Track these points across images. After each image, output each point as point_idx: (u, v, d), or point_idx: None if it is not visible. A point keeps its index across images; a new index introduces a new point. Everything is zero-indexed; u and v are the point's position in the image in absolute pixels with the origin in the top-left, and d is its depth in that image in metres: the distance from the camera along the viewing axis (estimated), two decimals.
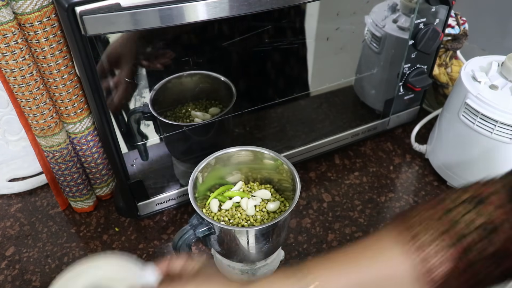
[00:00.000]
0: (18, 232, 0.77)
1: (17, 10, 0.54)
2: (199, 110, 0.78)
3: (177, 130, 0.75)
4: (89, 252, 0.73)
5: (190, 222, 0.58)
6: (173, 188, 0.75)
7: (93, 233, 0.76)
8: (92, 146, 0.71)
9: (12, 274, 0.70)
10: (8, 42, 0.55)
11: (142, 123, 0.72)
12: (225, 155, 0.66)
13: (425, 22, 0.74)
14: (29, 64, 0.59)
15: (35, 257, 0.73)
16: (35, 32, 0.56)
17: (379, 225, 0.76)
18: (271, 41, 0.50)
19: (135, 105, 0.71)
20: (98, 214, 0.79)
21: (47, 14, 0.56)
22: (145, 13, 0.49)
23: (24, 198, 0.83)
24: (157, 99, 0.72)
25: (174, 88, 0.74)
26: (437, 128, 0.82)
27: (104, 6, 0.48)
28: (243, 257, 0.62)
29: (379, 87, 0.89)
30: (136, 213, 0.74)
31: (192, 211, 0.70)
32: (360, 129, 0.87)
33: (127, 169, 0.68)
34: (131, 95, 0.66)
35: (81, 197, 0.77)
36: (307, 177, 0.85)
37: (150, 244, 0.74)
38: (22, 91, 0.61)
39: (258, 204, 0.66)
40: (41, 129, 0.66)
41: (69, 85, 0.63)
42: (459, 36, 0.90)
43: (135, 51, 0.62)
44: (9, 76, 0.59)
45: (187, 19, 0.52)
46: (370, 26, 0.82)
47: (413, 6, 0.72)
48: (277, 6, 0.56)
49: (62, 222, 0.78)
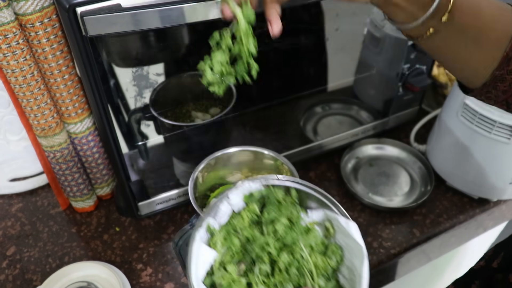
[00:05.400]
0: (19, 231, 0.77)
1: (18, 11, 0.55)
2: (199, 110, 0.78)
3: (177, 130, 0.75)
4: (90, 251, 0.73)
5: (190, 222, 0.58)
6: (173, 188, 0.75)
7: (94, 232, 0.76)
8: (93, 146, 0.72)
9: (13, 273, 0.71)
10: (9, 43, 0.56)
11: (142, 123, 0.72)
12: (225, 155, 0.66)
13: None
14: (30, 64, 0.59)
15: (36, 256, 0.73)
16: (36, 32, 0.57)
17: (379, 224, 0.76)
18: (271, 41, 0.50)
19: (135, 105, 0.71)
20: (99, 213, 0.80)
21: (48, 15, 0.56)
22: (145, 14, 0.50)
23: (25, 198, 0.83)
24: (158, 99, 0.72)
25: (174, 88, 0.75)
26: (436, 128, 0.82)
27: (104, 6, 0.48)
28: None
29: (378, 87, 0.89)
30: (137, 213, 0.74)
31: (192, 211, 0.70)
32: (360, 129, 0.88)
33: (128, 169, 0.69)
34: None
35: (82, 197, 0.77)
36: (307, 177, 0.85)
37: (151, 243, 0.74)
38: (23, 91, 0.61)
39: None
40: (42, 129, 0.66)
41: (70, 85, 0.63)
42: None
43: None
44: (10, 76, 0.59)
45: (188, 20, 0.52)
46: (370, 26, 0.82)
47: None
48: None
49: (62, 222, 0.78)
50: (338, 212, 0.50)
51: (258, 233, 0.49)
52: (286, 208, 0.50)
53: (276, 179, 0.52)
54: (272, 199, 0.51)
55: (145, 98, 0.70)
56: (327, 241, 0.50)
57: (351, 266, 0.47)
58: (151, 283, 0.69)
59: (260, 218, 0.50)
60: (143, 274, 0.70)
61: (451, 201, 0.80)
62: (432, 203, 0.80)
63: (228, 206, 0.50)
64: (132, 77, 0.68)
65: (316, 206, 0.52)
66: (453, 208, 0.79)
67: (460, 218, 0.78)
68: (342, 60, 0.89)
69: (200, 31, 0.68)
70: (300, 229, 0.49)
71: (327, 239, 0.50)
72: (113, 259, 0.72)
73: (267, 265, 0.46)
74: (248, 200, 0.51)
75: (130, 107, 0.71)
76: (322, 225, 0.51)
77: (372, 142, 0.89)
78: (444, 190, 0.82)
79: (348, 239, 0.48)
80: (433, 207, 0.79)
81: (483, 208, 0.79)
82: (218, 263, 0.46)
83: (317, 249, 0.49)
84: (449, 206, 0.79)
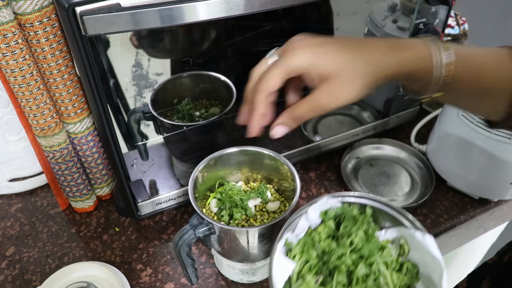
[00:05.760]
0: (18, 232, 0.77)
1: (18, 10, 0.54)
2: (199, 110, 0.78)
3: (177, 130, 0.75)
4: (89, 252, 0.73)
5: (190, 222, 0.58)
6: (173, 188, 0.75)
7: (93, 233, 0.76)
8: (92, 146, 0.72)
9: (13, 274, 0.70)
10: (8, 42, 0.55)
11: (142, 123, 0.72)
12: (225, 155, 0.66)
13: (425, 22, 0.74)
14: (30, 64, 0.59)
15: (36, 257, 0.73)
16: (35, 32, 0.56)
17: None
18: (272, 40, 0.50)
19: (135, 105, 0.71)
20: (98, 214, 0.79)
21: (47, 14, 0.56)
22: (145, 13, 0.50)
23: (25, 198, 0.83)
24: (157, 99, 0.72)
25: (174, 88, 0.75)
26: (437, 128, 0.82)
27: (104, 6, 0.48)
28: (243, 257, 0.62)
29: (379, 87, 0.89)
30: (136, 213, 0.74)
31: (192, 211, 0.70)
32: (360, 129, 0.87)
33: (127, 169, 0.68)
34: None
35: (81, 197, 0.77)
36: (307, 177, 0.85)
37: (150, 244, 0.74)
38: (22, 91, 0.61)
39: (258, 204, 0.66)
40: (42, 129, 0.66)
41: (69, 85, 0.63)
42: (459, 36, 0.90)
43: None
44: (10, 76, 0.59)
45: (187, 19, 0.52)
46: (370, 26, 0.82)
47: (413, 6, 0.72)
48: (276, 7, 0.56)
49: (62, 222, 0.78)
50: (413, 227, 0.51)
51: (335, 245, 0.50)
52: (362, 223, 0.52)
53: (353, 196, 0.55)
54: (348, 216, 0.52)
55: (144, 98, 0.70)
56: (401, 259, 0.51)
57: (428, 282, 0.48)
58: (150, 284, 0.68)
59: (335, 233, 0.52)
60: (142, 274, 0.70)
61: (451, 201, 0.80)
62: (432, 203, 0.80)
63: (306, 222, 0.52)
64: (131, 76, 0.68)
65: (389, 225, 0.54)
66: (454, 208, 0.79)
67: (461, 218, 0.77)
68: None
69: (200, 30, 0.68)
70: (376, 243, 0.50)
71: (401, 258, 0.51)
72: (113, 259, 0.72)
73: (344, 275, 0.47)
74: (324, 216, 0.53)
75: (130, 107, 0.71)
76: (396, 244, 0.52)
77: (373, 142, 0.89)
78: (445, 190, 0.82)
79: (424, 254, 0.49)
80: (434, 207, 0.79)
81: (484, 208, 0.79)
82: (296, 274, 0.48)
83: (392, 266, 0.49)
84: (449, 206, 0.79)
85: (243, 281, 0.68)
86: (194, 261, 0.61)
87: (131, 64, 0.68)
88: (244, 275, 0.67)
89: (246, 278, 0.67)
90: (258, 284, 0.68)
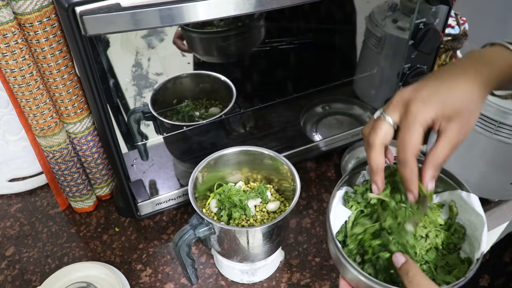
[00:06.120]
0: (18, 232, 0.77)
1: (17, 10, 0.54)
2: (199, 110, 0.78)
3: (177, 130, 0.75)
4: (89, 252, 0.73)
5: (190, 222, 0.58)
6: (173, 188, 0.75)
7: (93, 233, 0.76)
8: (92, 146, 0.71)
9: (12, 274, 0.70)
10: (8, 42, 0.55)
11: (142, 123, 0.72)
12: (225, 155, 0.66)
13: (425, 22, 0.74)
14: (29, 64, 0.59)
15: (35, 257, 0.73)
16: (35, 32, 0.56)
17: None
18: (271, 41, 0.50)
19: (135, 105, 0.71)
20: (98, 214, 0.79)
21: (47, 14, 0.56)
22: (145, 13, 0.49)
23: (24, 198, 0.83)
24: (157, 99, 0.72)
25: (174, 88, 0.75)
26: None
27: (104, 6, 0.48)
28: (243, 257, 0.62)
29: (379, 87, 0.89)
30: (136, 213, 0.74)
31: (192, 211, 0.70)
32: (360, 129, 0.87)
33: (127, 169, 0.68)
34: None
35: (81, 197, 0.77)
36: (307, 177, 0.85)
37: (150, 244, 0.74)
38: (22, 91, 0.61)
39: (258, 204, 0.66)
40: (41, 129, 0.66)
41: (69, 85, 0.63)
42: (459, 36, 0.90)
43: None
44: (9, 76, 0.59)
45: (187, 19, 0.52)
46: (370, 26, 0.82)
47: (413, 6, 0.72)
48: (276, 7, 0.56)
49: (62, 222, 0.78)
50: (459, 188, 0.54)
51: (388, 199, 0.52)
52: None
53: None
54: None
55: (144, 98, 0.70)
56: (450, 221, 0.53)
57: (473, 241, 0.50)
58: (150, 284, 0.68)
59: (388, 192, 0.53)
60: (142, 274, 0.70)
61: None
62: None
63: (362, 178, 0.55)
64: (131, 76, 0.68)
65: (440, 190, 0.56)
66: None
67: None
68: (342, 59, 0.88)
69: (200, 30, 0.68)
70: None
71: (451, 220, 0.54)
72: (113, 259, 0.72)
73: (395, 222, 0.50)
74: None
75: (130, 107, 0.71)
76: (446, 207, 0.55)
77: None
78: None
79: (470, 214, 0.51)
80: None
81: (484, 208, 0.78)
82: (351, 221, 0.51)
83: (441, 227, 0.53)
84: None
85: (243, 281, 0.68)
86: (194, 261, 0.61)
87: (131, 64, 0.68)
88: (244, 275, 0.67)
89: (246, 278, 0.67)
90: (258, 284, 0.68)
